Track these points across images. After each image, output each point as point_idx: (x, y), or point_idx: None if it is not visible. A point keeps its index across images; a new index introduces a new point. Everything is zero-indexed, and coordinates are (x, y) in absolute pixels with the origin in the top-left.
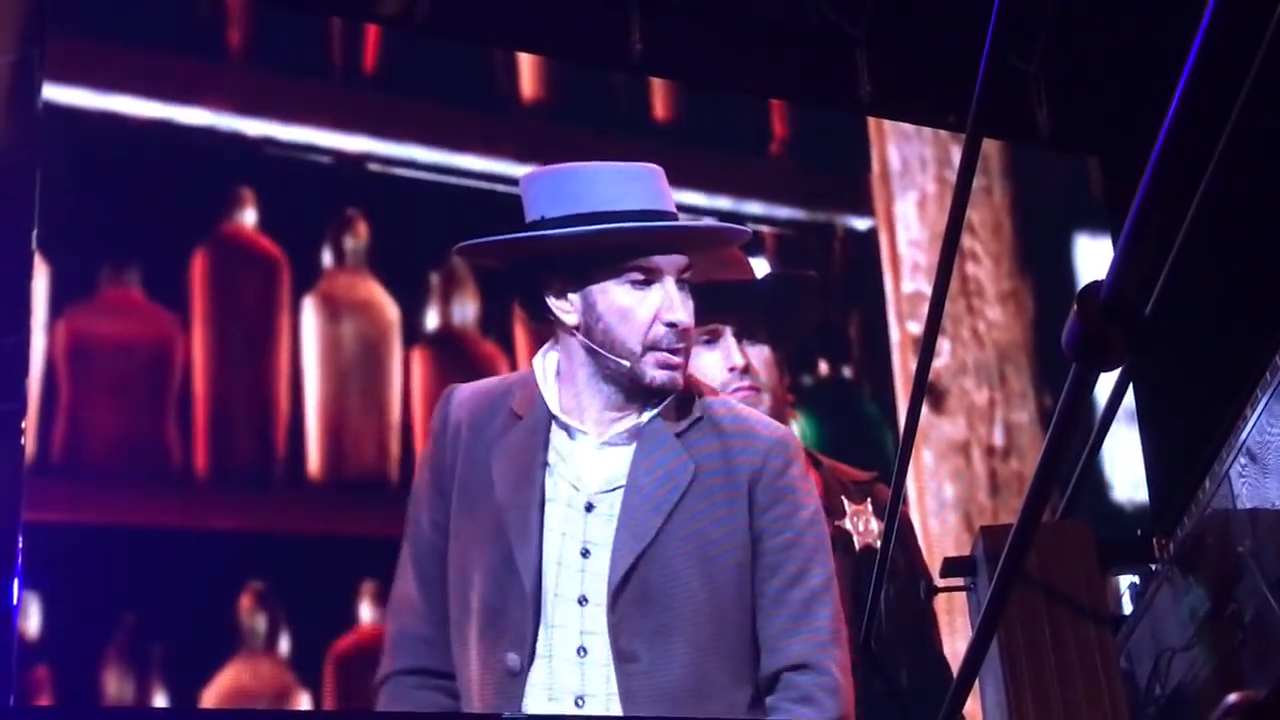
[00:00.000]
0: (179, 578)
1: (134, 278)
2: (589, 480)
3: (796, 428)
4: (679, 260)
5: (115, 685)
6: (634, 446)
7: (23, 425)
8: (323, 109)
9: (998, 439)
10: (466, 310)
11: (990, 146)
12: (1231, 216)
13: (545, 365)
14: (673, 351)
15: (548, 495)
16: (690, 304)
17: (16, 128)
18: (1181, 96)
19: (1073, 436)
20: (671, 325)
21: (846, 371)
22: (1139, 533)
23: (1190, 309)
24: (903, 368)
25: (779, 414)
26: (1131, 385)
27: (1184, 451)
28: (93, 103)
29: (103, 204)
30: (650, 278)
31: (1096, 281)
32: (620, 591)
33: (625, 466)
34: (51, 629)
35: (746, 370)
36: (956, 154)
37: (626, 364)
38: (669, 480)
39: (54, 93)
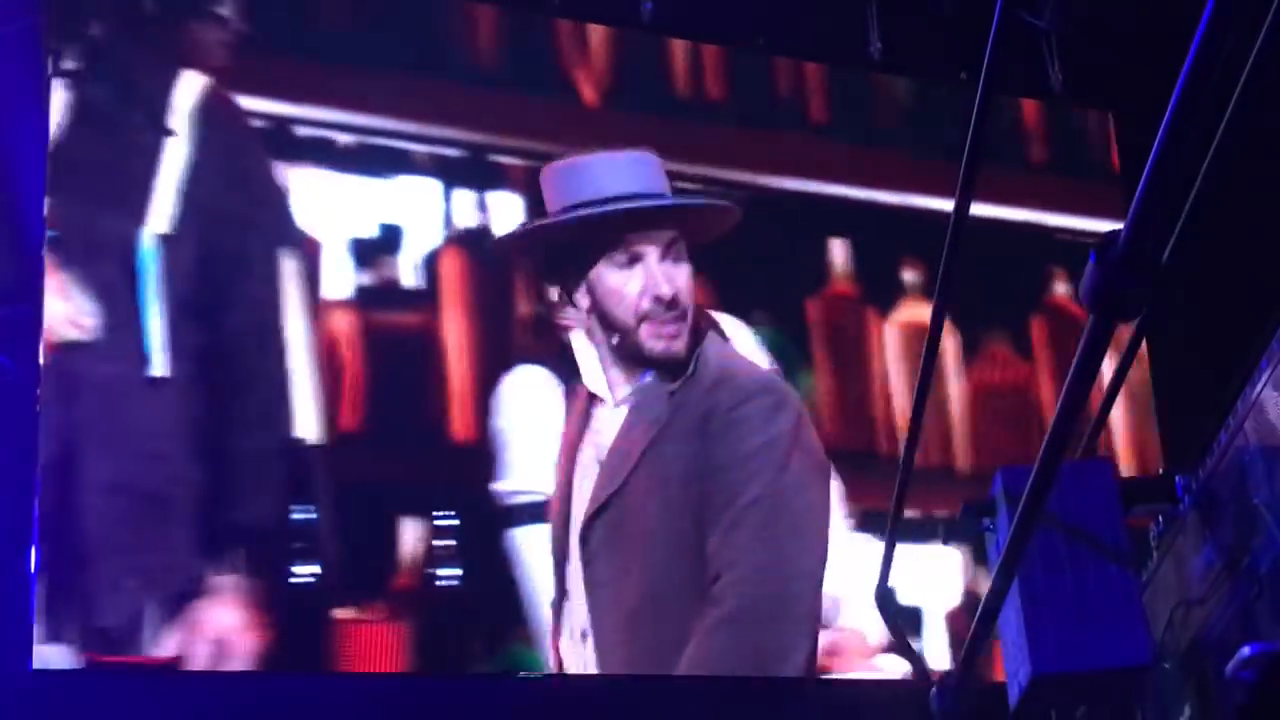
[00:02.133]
0: None
1: None
2: (605, 440)
3: None
4: (662, 236)
5: None
6: (631, 406)
7: (38, 392)
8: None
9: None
10: None
11: None
12: (1249, 164)
13: (579, 345)
14: (664, 323)
15: (579, 459)
16: (683, 272)
17: (26, 98)
18: (1197, 48)
19: (1091, 383)
20: (658, 300)
21: None
22: (1161, 471)
23: (1207, 259)
24: None
25: None
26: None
27: (1199, 399)
28: None
29: None
30: (634, 257)
31: (1114, 231)
32: (589, 529)
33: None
34: None
35: None
36: None
37: (628, 338)
38: (644, 431)
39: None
